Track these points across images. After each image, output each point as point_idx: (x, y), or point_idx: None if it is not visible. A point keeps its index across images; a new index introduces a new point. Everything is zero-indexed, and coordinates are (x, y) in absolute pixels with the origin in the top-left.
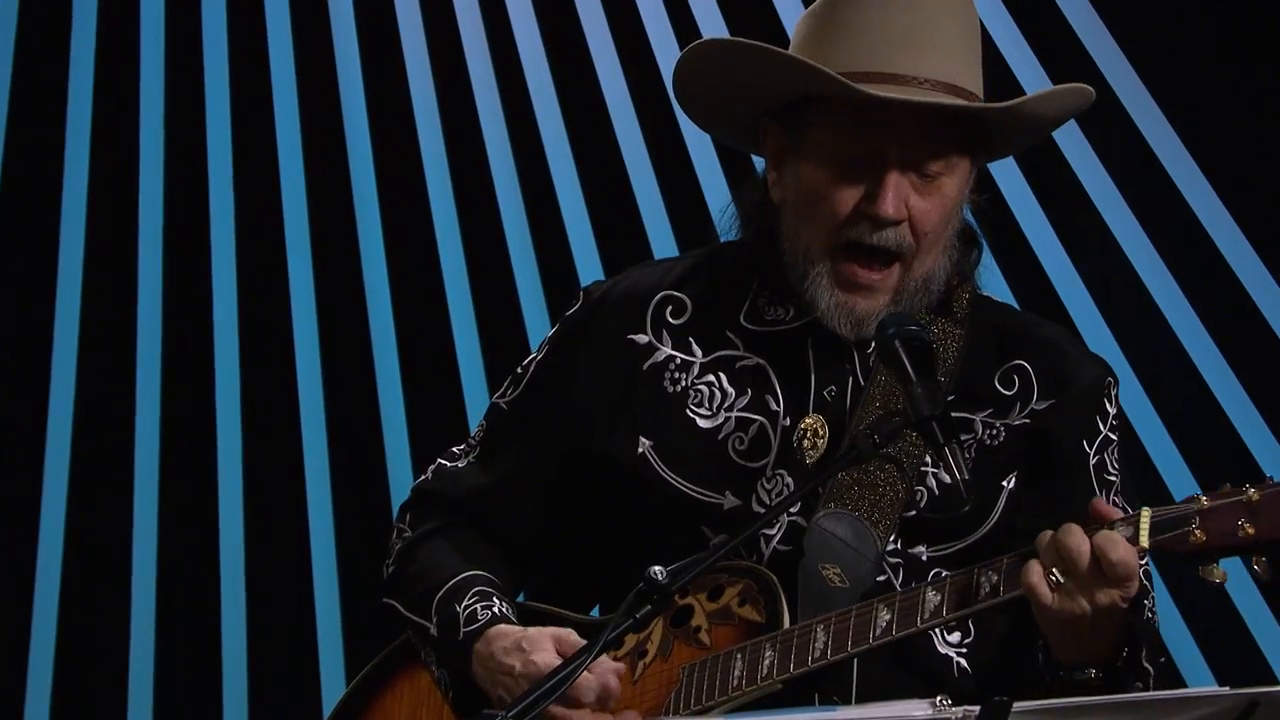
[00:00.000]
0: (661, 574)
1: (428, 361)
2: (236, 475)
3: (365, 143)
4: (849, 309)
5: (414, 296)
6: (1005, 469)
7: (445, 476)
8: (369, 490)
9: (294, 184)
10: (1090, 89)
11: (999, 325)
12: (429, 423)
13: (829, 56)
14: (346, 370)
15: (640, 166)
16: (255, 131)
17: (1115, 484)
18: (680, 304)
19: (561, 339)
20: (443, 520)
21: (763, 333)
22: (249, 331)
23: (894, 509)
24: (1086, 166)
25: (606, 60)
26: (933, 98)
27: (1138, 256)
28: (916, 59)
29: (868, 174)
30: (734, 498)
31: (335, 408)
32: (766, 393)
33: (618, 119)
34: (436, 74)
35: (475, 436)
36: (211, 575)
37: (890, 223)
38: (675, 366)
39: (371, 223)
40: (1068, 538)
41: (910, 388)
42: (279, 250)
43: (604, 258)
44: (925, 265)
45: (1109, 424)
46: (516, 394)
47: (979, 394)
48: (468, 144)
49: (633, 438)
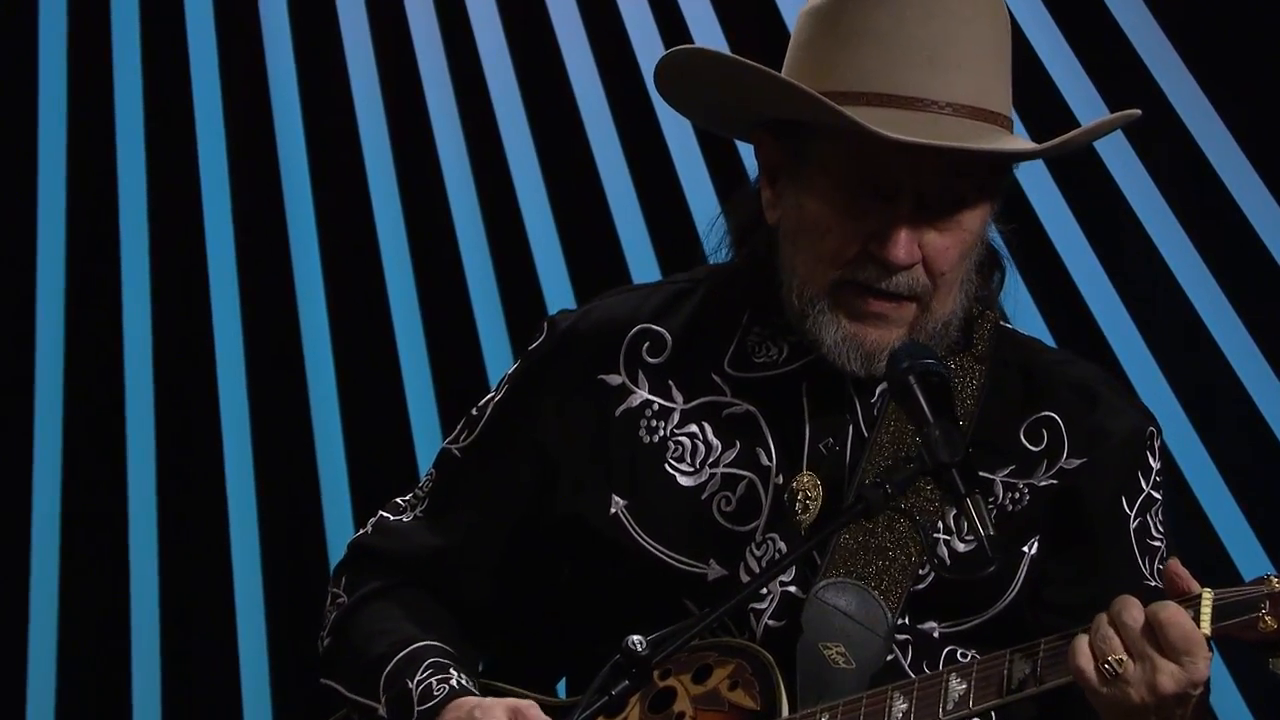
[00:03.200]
0: (641, 644)
1: (371, 399)
2: (151, 544)
3: (300, 152)
4: (858, 341)
5: (356, 325)
6: (1026, 533)
7: (388, 532)
8: (303, 549)
9: (220, 222)
10: (1137, 111)
11: (1026, 365)
12: (372, 469)
13: (834, 70)
14: (278, 409)
15: (616, 175)
16: (173, 160)
17: (1160, 550)
18: (659, 340)
19: (523, 377)
20: (386, 581)
21: (753, 376)
22: (166, 382)
23: (907, 576)
24: (1129, 174)
25: (578, 58)
26: (956, 141)
27: (1188, 278)
28: (938, 79)
29: (877, 210)
30: (719, 567)
31: (266, 453)
32: (757, 445)
33: (591, 123)
34: (383, 74)
35: (423, 486)
36: (121, 670)
37: (902, 268)
38: (652, 413)
39: (307, 244)
40: (1125, 611)
41: (927, 430)
42: (203, 297)
43: (575, 282)
44: (945, 307)
45: (1152, 480)
46: (471, 439)
47: (1001, 447)
48: (417, 150)
49: (604, 496)
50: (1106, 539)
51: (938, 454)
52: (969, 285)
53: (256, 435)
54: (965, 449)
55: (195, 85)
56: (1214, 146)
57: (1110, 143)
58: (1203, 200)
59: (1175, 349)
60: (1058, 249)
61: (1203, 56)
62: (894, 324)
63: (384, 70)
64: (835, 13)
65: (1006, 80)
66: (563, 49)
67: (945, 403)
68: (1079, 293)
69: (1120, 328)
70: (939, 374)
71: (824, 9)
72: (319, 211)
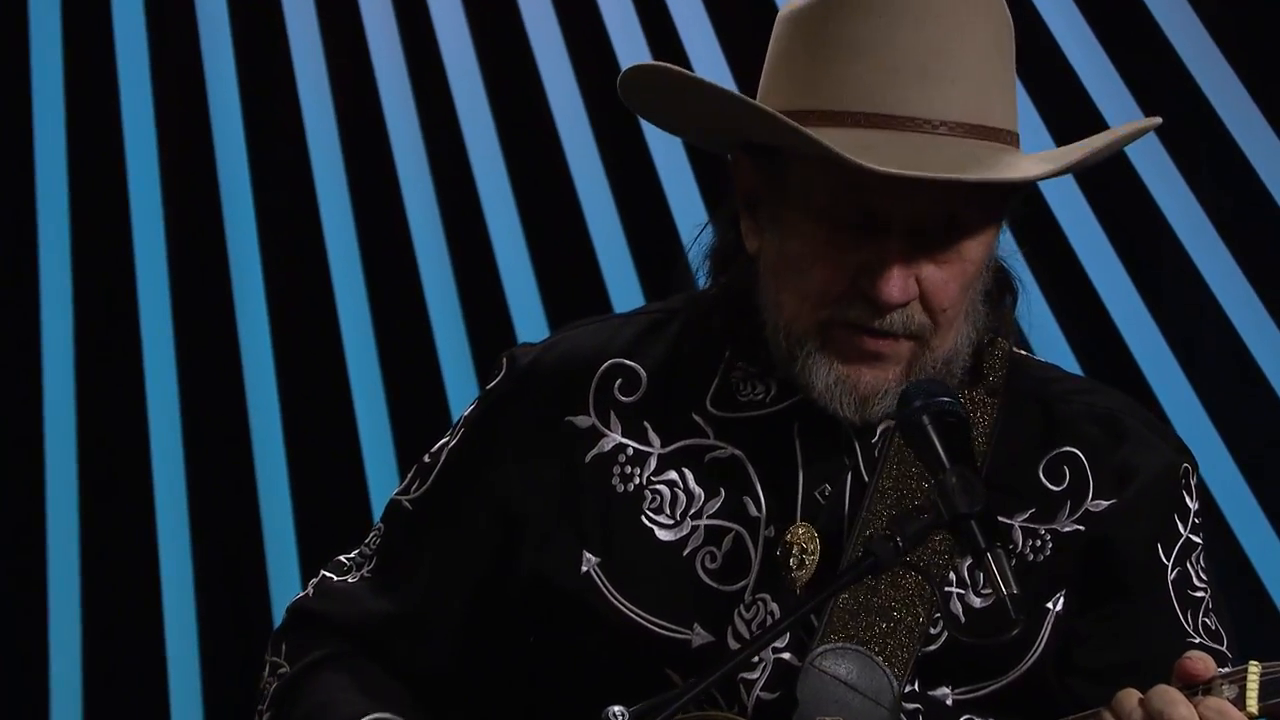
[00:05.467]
0: (622, 716)
1: (322, 443)
2: (74, 619)
3: (241, 160)
4: (852, 384)
5: (303, 355)
6: (1050, 588)
7: (332, 595)
8: (244, 613)
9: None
10: (1157, 119)
11: (1044, 395)
12: (321, 521)
13: (814, 86)
14: (216, 447)
15: (594, 185)
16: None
17: (1204, 601)
18: (633, 376)
19: (480, 420)
20: (331, 649)
21: (739, 416)
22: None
23: (914, 640)
24: (1165, 184)
25: (552, 58)
26: (951, 170)
27: (1231, 301)
28: (931, 94)
29: (867, 242)
30: (705, 632)
31: (202, 503)
32: (744, 494)
33: (566, 131)
34: (334, 77)
35: (370, 543)
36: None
37: (895, 307)
38: (627, 459)
39: (250, 269)
40: (1168, 708)
41: (943, 478)
42: (134, 340)
43: (549, 306)
44: (947, 344)
45: (1190, 523)
46: (423, 490)
47: (1018, 489)
48: (372, 164)
49: (574, 553)
50: (1142, 592)
51: (955, 504)
52: (975, 316)
53: (194, 483)
54: (986, 498)
55: (122, 80)
56: (1260, 154)
57: (1143, 148)
58: (1249, 214)
59: (1219, 382)
60: (1085, 269)
61: (1247, 53)
62: (890, 363)
63: (334, 70)
64: (816, 21)
65: (1010, 90)
66: (534, 47)
67: (963, 446)
68: (1110, 318)
69: (1158, 358)
70: (955, 414)
71: (804, 16)
72: (262, 228)
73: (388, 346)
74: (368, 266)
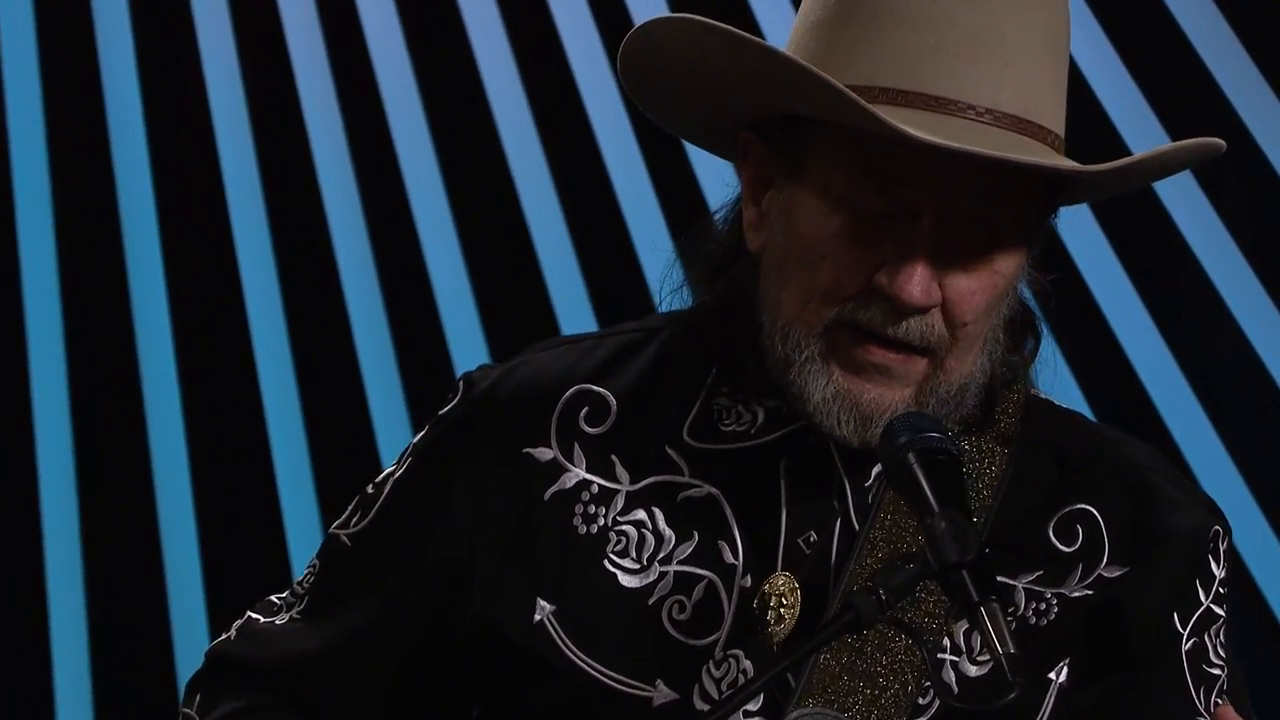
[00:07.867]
0: None
1: (235, 483)
2: None
3: (143, 166)
4: (853, 399)
5: (216, 387)
6: (1054, 656)
7: (255, 637)
8: (150, 668)
9: (41, 268)
10: (1221, 142)
11: (1062, 445)
12: (232, 564)
13: (853, 59)
14: (113, 484)
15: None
16: None
17: (1220, 680)
18: (600, 404)
19: (431, 449)
20: (249, 700)
21: (719, 449)
22: None
23: (901, 709)
24: (1192, 215)
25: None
26: (1001, 150)
27: (1264, 342)
28: (978, 77)
29: (891, 235)
30: (668, 690)
31: (95, 539)
32: (719, 538)
33: (508, 132)
34: (247, 74)
35: (303, 581)
36: None
37: (915, 311)
38: (591, 497)
39: (152, 288)
40: None
41: (930, 522)
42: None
43: (491, 338)
44: (964, 367)
45: (1213, 592)
46: (364, 524)
47: (1025, 547)
48: (292, 170)
49: (527, 599)
50: (1152, 663)
51: (945, 552)
52: (994, 347)
53: (85, 511)
54: (979, 545)
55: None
56: None
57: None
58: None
59: (1249, 433)
60: (1102, 308)
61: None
62: (898, 381)
63: (248, 68)
64: None
65: (1061, 92)
66: (475, 50)
67: (954, 488)
68: (1129, 363)
69: (1181, 407)
70: (946, 451)
71: None
72: (166, 253)
73: (307, 372)
74: (285, 287)
